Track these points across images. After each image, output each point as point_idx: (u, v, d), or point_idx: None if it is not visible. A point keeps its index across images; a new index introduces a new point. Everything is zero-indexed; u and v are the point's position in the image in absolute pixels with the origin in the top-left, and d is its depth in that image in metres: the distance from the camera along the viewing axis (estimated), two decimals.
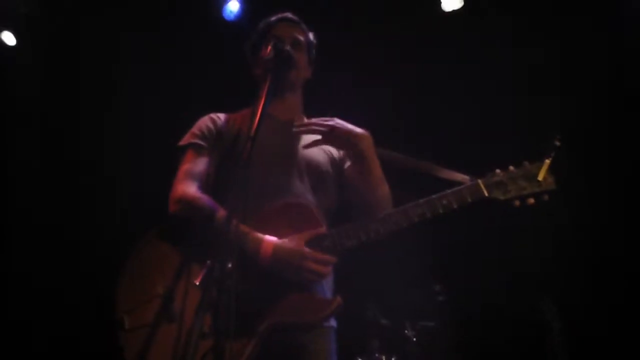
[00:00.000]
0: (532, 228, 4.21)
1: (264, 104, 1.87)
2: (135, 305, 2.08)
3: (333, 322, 2.22)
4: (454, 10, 4.67)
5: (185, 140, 2.35)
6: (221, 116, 2.42)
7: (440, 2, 4.66)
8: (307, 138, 2.26)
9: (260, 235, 2.03)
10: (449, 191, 2.07)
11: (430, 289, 4.32)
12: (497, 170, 2.10)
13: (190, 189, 2.18)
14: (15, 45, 4.98)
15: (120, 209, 4.86)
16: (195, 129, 2.37)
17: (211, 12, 4.90)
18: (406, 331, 4.17)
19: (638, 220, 4.30)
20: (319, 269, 1.98)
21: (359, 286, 2.43)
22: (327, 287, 2.19)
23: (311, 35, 2.47)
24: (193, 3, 4.86)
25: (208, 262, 1.76)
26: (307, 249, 1.99)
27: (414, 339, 4.14)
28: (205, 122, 2.39)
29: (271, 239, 2.03)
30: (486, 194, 2.06)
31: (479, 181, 2.08)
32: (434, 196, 2.06)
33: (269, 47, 2.13)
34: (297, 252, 1.98)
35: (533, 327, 4.19)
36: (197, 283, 2.00)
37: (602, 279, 4.33)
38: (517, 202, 2.05)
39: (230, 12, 4.87)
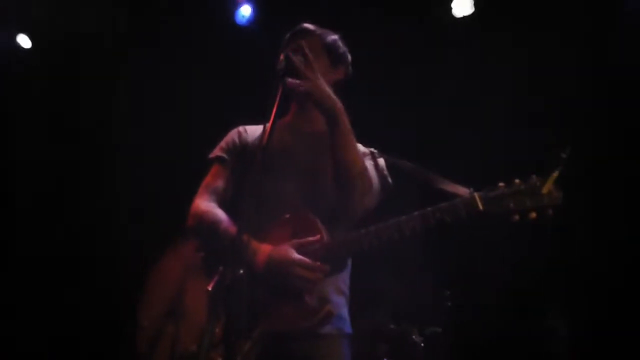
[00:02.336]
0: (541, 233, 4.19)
1: (275, 115, 1.91)
2: (156, 313, 2.20)
3: (347, 329, 2.21)
4: (464, 16, 4.68)
5: (213, 153, 2.41)
6: (249, 128, 2.44)
7: (451, 8, 4.68)
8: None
9: (257, 244, 2.07)
10: (444, 204, 2.03)
11: (438, 294, 4.33)
12: (500, 184, 2.02)
13: (203, 203, 2.25)
14: (31, 48, 5.05)
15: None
16: (222, 142, 2.43)
17: (223, 17, 4.94)
18: (414, 337, 4.17)
19: None
20: (308, 275, 1.99)
21: (368, 291, 2.43)
22: (332, 291, 2.19)
23: (330, 37, 2.43)
24: (206, 8, 4.90)
25: (220, 268, 1.83)
26: (296, 256, 2.01)
27: (422, 345, 4.15)
28: (232, 135, 2.44)
29: (266, 247, 2.07)
30: (481, 208, 1.98)
31: (475, 194, 2.01)
32: (428, 209, 2.02)
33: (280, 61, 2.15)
34: (286, 259, 2.01)
35: (541, 334, 4.19)
36: (210, 289, 2.08)
37: (611, 285, 4.30)
38: (516, 217, 1.96)
39: (243, 16, 4.91)
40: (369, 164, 2.27)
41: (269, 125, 1.89)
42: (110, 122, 5.06)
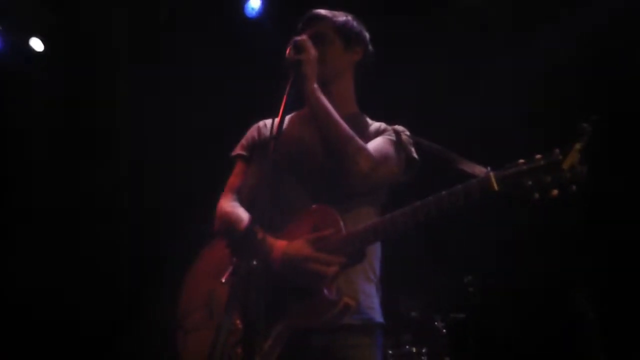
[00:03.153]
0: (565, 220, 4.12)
1: (285, 104, 1.89)
2: (192, 308, 2.23)
3: (377, 318, 2.17)
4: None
5: (234, 151, 2.43)
6: (268, 122, 2.43)
7: None
8: None
9: (273, 240, 2.07)
10: (458, 186, 1.93)
11: (461, 280, 4.29)
12: (520, 160, 1.89)
13: (227, 204, 2.28)
14: (43, 51, 5.08)
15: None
16: (243, 140, 2.44)
17: (233, 10, 4.93)
18: (436, 323, 4.15)
19: None
20: (322, 270, 1.97)
21: (390, 279, 2.42)
22: (361, 280, 2.16)
23: (341, 19, 2.40)
24: (215, 0, 4.90)
25: (234, 260, 1.85)
26: (308, 250, 1.99)
27: (444, 331, 4.12)
28: (251, 132, 2.44)
29: (281, 243, 2.06)
30: (496, 188, 1.87)
31: (491, 174, 1.90)
32: (443, 192, 1.94)
33: (288, 50, 2.15)
34: (299, 253, 2.00)
35: (567, 319, 4.12)
36: (224, 280, 2.09)
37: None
38: (536, 195, 1.82)
39: (252, 9, 4.89)
40: (388, 139, 2.24)
41: (279, 116, 1.87)
42: (122, 120, 5.11)
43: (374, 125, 2.37)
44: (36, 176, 5.17)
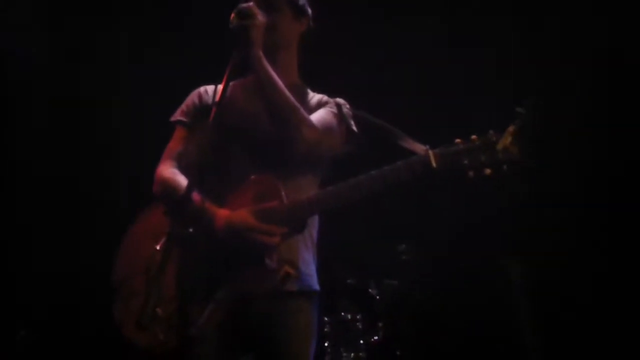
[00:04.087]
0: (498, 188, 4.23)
1: (230, 71, 1.89)
2: (127, 275, 2.20)
3: (314, 286, 2.23)
4: None
5: (173, 117, 2.39)
6: (210, 89, 2.40)
7: None
8: None
9: (215, 208, 2.07)
10: (400, 162, 2.01)
11: (394, 248, 4.39)
12: (457, 140, 1.99)
13: (166, 169, 2.26)
14: (25, 48, 4.87)
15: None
16: (183, 105, 2.40)
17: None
18: (370, 290, 4.24)
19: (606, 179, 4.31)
20: (265, 240, 2.00)
21: (325, 246, 2.46)
22: (301, 247, 2.21)
23: None
24: None
25: (169, 227, 1.84)
26: (252, 221, 2.01)
27: (378, 297, 4.22)
28: (192, 97, 2.41)
29: (224, 212, 2.06)
30: (434, 166, 1.96)
31: (430, 152, 1.98)
32: (385, 168, 2.01)
33: (232, 15, 2.12)
34: (243, 223, 2.01)
35: (497, 286, 4.28)
36: (158, 248, 2.08)
37: (570, 239, 4.35)
38: (470, 173, 1.94)
39: None
40: (330, 111, 2.27)
41: (222, 82, 1.87)
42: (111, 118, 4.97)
43: (316, 97, 2.38)
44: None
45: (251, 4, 2.16)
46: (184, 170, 2.24)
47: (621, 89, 4.27)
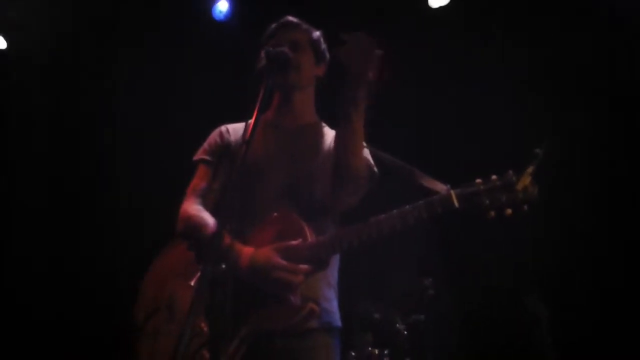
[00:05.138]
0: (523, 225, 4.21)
1: (258, 110, 1.91)
2: (152, 310, 2.24)
3: (335, 322, 2.26)
4: (441, 7, 4.71)
5: (196, 155, 2.43)
6: (231, 127, 2.44)
7: None
8: (314, 145, 2.33)
9: (240, 246, 2.11)
10: (421, 202, 2.05)
11: (421, 283, 4.36)
12: (477, 180, 2.04)
13: (191, 207, 2.28)
14: (6, 49, 5.00)
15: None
16: (205, 144, 2.44)
17: (201, 12, 4.92)
18: (397, 325, 4.22)
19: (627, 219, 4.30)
20: (289, 278, 2.03)
21: (351, 281, 2.48)
22: (323, 286, 2.23)
23: (316, 33, 2.44)
24: (183, 3, 4.88)
25: (201, 264, 1.88)
26: (277, 260, 2.04)
27: (405, 333, 4.20)
28: (213, 136, 2.45)
29: (248, 249, 2.10)
30: (456, 205, 2.01)
31: (452, 192, 2.03)
32: (407, 207, 2.05)
33: (262, 55, 2.14)
34: (267, 262, 2.04)
35: (522, 323, 4.23)
36: (192, 284, 2.13)
37: (593, 276, 4.33)
38: (492, 213, 1.99)
39: (220, 12, 4.90)
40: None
41: (251, 122, 1.89)
42: (95, 124, 5.04)
43: (332, 133, 2.39)
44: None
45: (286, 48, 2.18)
46: (208, 208, 2.27)
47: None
